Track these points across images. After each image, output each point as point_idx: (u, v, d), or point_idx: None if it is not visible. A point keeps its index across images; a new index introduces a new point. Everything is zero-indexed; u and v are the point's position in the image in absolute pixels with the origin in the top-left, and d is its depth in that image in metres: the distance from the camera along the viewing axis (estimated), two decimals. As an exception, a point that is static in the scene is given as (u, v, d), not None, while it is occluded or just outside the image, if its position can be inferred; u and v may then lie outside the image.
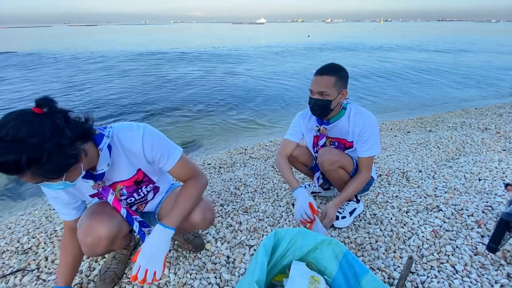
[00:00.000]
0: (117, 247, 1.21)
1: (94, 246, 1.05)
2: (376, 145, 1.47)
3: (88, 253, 1.09)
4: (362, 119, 1.46)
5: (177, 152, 1.06)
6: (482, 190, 1.91)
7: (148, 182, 1.15)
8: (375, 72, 8.94)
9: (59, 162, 0.76)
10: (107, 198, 1.06)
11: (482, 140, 2.89)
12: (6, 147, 0.68)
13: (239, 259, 1.39)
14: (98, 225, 1.04)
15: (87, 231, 1.04)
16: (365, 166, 1.50)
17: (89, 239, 1.04)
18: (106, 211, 1.09)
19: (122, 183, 1.07)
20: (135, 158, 1.03)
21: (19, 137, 0.69)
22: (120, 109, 5.39)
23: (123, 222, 1.13)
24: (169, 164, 1.05)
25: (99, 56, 13.87)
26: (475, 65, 10.18)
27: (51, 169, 0.75)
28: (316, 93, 1.40)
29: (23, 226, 1.92)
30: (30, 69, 10.20)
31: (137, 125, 1.02)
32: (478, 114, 4.33)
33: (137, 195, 1.16)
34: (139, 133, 0.99)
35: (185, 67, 10.50)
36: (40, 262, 1.48)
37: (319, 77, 1.39)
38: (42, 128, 0.72)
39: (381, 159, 2.57)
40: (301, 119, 1.64)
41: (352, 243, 1.48)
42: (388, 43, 20.02)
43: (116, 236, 1.10)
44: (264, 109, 5.42)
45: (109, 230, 1.05)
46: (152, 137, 1.01)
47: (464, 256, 1.33)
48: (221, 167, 2.75)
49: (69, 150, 0.77)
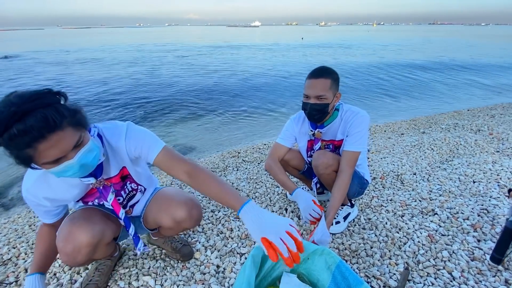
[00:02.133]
0: (99, 255, 1.13)
1: (75, 254, 0.98)
2: (363, 141, 1.39)
3: (68, 262, 1.01)
4: (352, 115, 1.43)
5: (159, 143, 1.00)
6: (477, 193, 1.89)
7: (132, 180, 1.11)
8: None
9: (77, 112, 0.77)
10: (107, 197, 1.01)
11: (475, 142, 2.89)
12: (38, 101, 0.68)
13: (229, 269, 1.33)
14: (78, 231, 0.97)
15: (66, 238, 0.96)
16: (348, 162, 1.38)
17: (69, 246, 0.96)
18: (87, 216, 1.02)
19: (111, 180, 1.03)
20: (118, 154, 1.00)
21: (37, 93, 0.70)
22: (109, 112, 5.30)
23: (107, 229, 1.06)
24: (152, 154, 0.96)
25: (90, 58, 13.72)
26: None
27: (81, 116, 0.77)
28: (313, 97, 1.34)
29: (4, 235, 1.83)
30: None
31: (121, 122, 1.00)
32: (470, 116, 4.35)
33: (124, 193, 1.11)
34: (123, 128, 0.97)
35: (175, 68, 10.43)
36: (19, 274, 1.40)
37: (315, 80, 1.34)
38: (44, 91, 0.73)
39: (375, 162, 2.54)
40: (294, 123, 1.59)
41: (347, 250, 1.43)
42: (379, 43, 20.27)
43: (98, 244, 1.03)
44: (258, 108, 5.39)
45: (90, 236, 0.98)
46: (135, 131, 0.99)
47: (461, 262, 1.30)
48: (213, 170, 2.69)
49: (82, 110, 0.80)
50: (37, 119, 0.66)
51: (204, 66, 10.79)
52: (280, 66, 10.46)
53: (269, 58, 13.06)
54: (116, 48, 20.55)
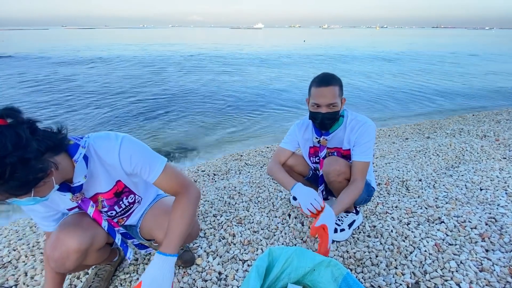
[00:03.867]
0: (92, 261, 1.10)
1: (63, 260, 0.95)
2: (371, 150, 1.40)
3: (57, 268, 0.98)
4: (359, 125, 1.40)
5: (159, 163, 0.97)
6: (484, 201, 1.85)
7: (129, 193, 1.07)
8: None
9: (25, 177, 0.68)
10: (87, 210, 0.98)
11: (482, 148, 2.85)
12: None
13: (231, 276, 1.31)
14: (66, 237, 0.94)
15: (54, 244, 0.94)
16: (359, 173, 1.39)
17: (57, 253, 0.94)
18: (78, 222, 1.00)
19: (102, 195, 1.00)
20: (113, 169, 0.96)
21: None
22: (114, 115, 5.30)
23: (98, 235, 1.03)
24: (153, 176, 0.96)
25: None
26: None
27: (16, 185, 0.68)
28: (325, 106, 1.31)
29: (5, 237, 1.82)
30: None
31: (116, 135, 0.94)
32: (475, 121, 4.31)
33: (118, 208, 1.07)
34: (116, 143, 0.92)
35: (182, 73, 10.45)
36: (19, 277, 1.38)
37: (325, 89, 1.30)
38: (2, 141, 0.64)
39: (380, 167, 2.51)
40: (298, 129, 1.57)
41: (351, 258, 1.40)
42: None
43: (88, 250, 1.00)
44: (262, 114, 5.37)
45: (78, 242, 0.95)
46: (130, 148, 0.93)
47: (469, 273, 1.26)
48: (215, 174, 2.67)
49: (36, 163, 0.70)
50: None
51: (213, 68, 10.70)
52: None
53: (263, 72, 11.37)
54: (121, 47, 20.66)
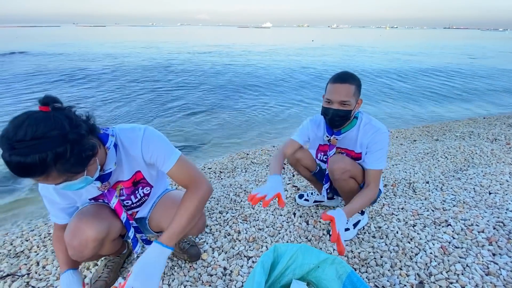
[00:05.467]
0: (106, 251, 1.15)
1: (81, 248, 1.00)
2: (385, 158, 1.40)
3: (75, 256, 1.03)
4: (372, 130, 1.39)
5: (174, 154, 1.02)
6: (492, 205, 1.83)
7: (145, 184, 1.12)
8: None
9: (82, 153, 0.75)
10: (111, 201, 1.03)
11: (492, 151, 2.80)
12: (29, 147, 0.67)
13: (236, 272, 1.33)
14: (85, 227, 0.99)
15: (74, 232, 0.99)
16: (373, 180, 1.40)
17: (76, 241, 0.99)
18: (95, 212, 1.05)
19: (122, 183, 1.05)
20: (134, 159, 1.01)
21: (39, 134, 0.68)
22: (123, 110, 5.38)
23: (114, 225, 1.08)
24: (166, 166, 1.01)
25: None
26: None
27: (75, 162, 0.74)
28: (337, 102, 1.30)
29: (18, 226, 1.88)
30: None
31: (139, 127, 1.00)
32: (486, 124, 4.23)
33: (134, 198, 1.12)
34: (139, 134, 0.98)
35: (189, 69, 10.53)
36: (31, 267, 1.43)
37: (340, 85, 1.30)
38: (59, 122, 0.71)
39: (386, 169, 2.49)
40: (311, 125, 1.56)
41: (356, 258, 1.41)
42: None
43: (105, 239, 1.06)
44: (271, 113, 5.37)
45: (97, 232, 1.00)
46: (151, 138, 0.99)
47: (475, 276, 1.25)
48: (221, 171, 2.70)
49: (88, 141, 0.78)
50: (19, 163, 0.67)
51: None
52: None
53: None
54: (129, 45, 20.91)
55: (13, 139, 0.67)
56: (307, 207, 1.87)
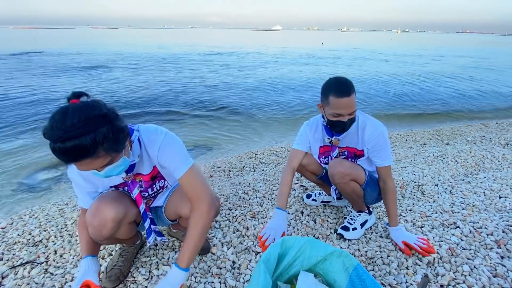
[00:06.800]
0: (122, 234, 1.22)
1: (100, 227, 1.08)
2: (390, 153, 1.45)
3: (94, 235, 1.11)
4: (373, 128, 1.41)
5: (186, 164, 1.09)
6: (502, 208, 1.81)
7: (161, 178, 1.20)
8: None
9: (119, 133, 0.85)
10: (133, 191, 1.12)
11: (503, 156, 2.77)
12: (80, 128, 0.75)
13: (244, 265, 1.37)
14: (105, 207, 1.07)
15: (94, 212, 1.07)
16: (388, 176, 1.46)
17: (96, 220, 1.07)
18: (114, 196, 1.13)
19: (142, 176, 1.13)
20: (151, 158, 1.09)
21: (85, 117, 0.77)
22: (134, 108, 5.51)
23: (131, 210, 1.16)
24: (177, 173, 1.09)
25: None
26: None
27: (118, 140, 0.84)
28: (347, 115, 1.31)
29: (36, 217, 1.96)
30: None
31: (161, 130, 1.09)
32: (499, 129, 4.16)
33: (150, 190, 1.20)
34: (159, 138, 1.06)
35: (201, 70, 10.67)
36: (49, 255, 1.50)
37: (348, 99, 1.28)
38: (96, 106, 0.80)
39: (395, 171, 2.49)
40: (308, 128, 1.58)
41: (363, 256, 1.43)
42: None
43: (122, 221, 1.13)
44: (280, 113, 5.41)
45: (115, 213, 1.08)
46: (169, 146, 1.07)
47: (482, 277, 1.26)
48: (230, 170, 2.75)
49: (121, 122, 0.87)
50: (74, 146, 0.76)
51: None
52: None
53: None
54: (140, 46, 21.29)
55: (64, 126, 0.74)
56: (314, 206, 1.90)
